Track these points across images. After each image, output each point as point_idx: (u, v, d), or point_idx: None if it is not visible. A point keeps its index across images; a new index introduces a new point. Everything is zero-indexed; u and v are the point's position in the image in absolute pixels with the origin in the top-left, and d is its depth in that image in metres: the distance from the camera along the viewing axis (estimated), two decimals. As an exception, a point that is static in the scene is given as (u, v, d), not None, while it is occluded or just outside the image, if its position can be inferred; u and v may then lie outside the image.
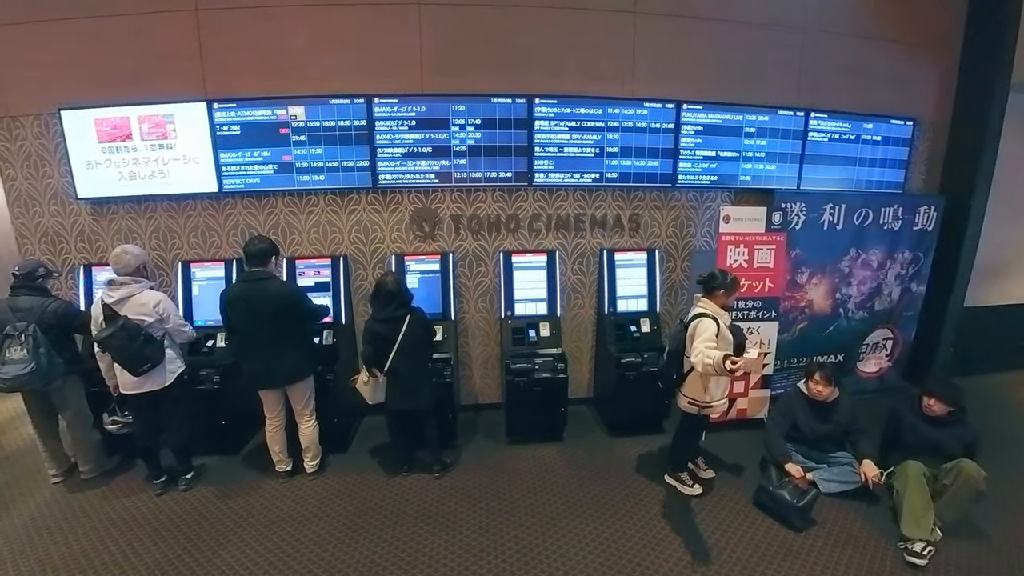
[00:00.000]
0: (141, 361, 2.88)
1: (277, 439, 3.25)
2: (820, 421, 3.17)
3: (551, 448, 3.67)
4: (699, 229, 4.20)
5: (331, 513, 2.99)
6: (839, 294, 4.30)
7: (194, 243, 3.94)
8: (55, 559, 2.68)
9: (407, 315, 3.02)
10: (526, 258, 3.84)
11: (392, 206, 3.89)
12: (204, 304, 3.70)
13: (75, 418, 3.27)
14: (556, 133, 3.75)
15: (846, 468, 3.10)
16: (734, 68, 3.94)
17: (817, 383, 3.13)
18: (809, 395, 3.18)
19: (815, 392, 3.14)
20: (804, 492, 2.86)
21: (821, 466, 3.15)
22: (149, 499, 3.17)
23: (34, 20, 3.63)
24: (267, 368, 3.02)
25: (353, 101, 3.61)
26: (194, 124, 3.64)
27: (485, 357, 4.22)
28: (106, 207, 3.90)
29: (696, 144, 3.94)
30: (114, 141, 3.70)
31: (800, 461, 3.13)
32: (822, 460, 3.19)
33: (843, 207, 4.06)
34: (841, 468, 3.11)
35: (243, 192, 3.80)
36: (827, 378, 3.11)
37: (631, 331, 3.80)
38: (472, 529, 2.83)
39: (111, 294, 2.88)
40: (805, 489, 2.89)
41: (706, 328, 2.73)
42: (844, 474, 3.08)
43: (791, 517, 2.83)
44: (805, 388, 3.21)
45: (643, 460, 3.52)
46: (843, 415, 3.15)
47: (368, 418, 4.02)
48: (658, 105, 3.82)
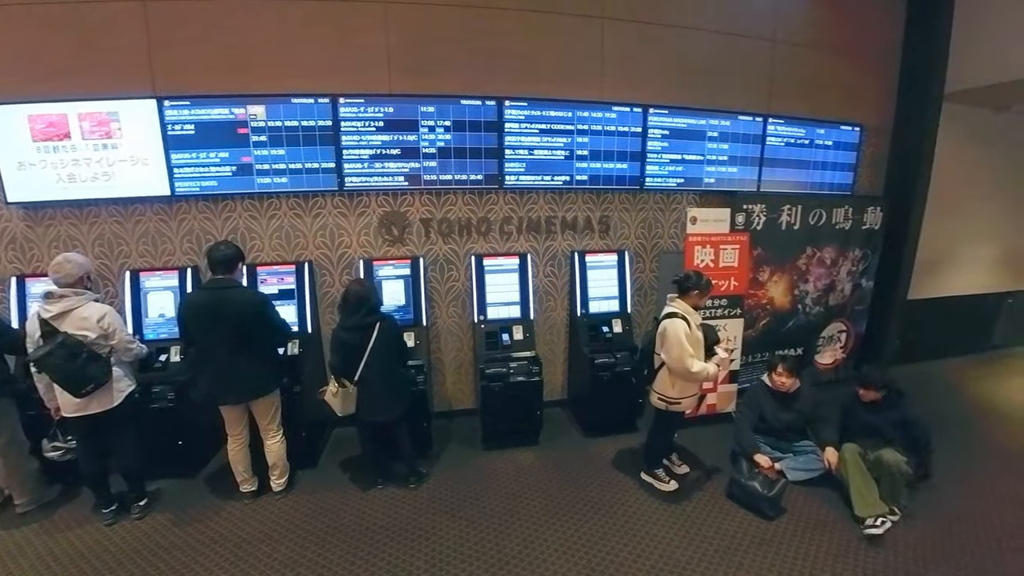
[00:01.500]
0: (84, 382, 2.63)
1: (240, 458, 3.06)
2: (784, 410, 3.32)
3: (527, 452, 3.64)
4: (666, 230, 4.30)
5: (302, 533, 2.84)
6: (797, 290, 4.50)
7: (144, 250, 3.67)
8: (-13, 604, 2.42)
9: (377, 322, 2.92)
10: (498, 261, 3.81)
11: (359, 209, 3.77)
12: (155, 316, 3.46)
13: (8, 446, 2.95)
14: (526, 135, 3.75)
15: (811, 456, 3.24)
16: (697, 74, 4.06)
17: (780, 375, 3.28)
18: (773, 387, 3.33)
19: (778, 384, 3.29)
20: (773, 482, 2.96)
21: (787, 456, 3.28)
22: (97, 531, 2.90)
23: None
24: (229, 382, 2.84)
25: (317, 101, 3.47)
26: (142, 122, 3.40)
27: (458, 362, 4.15)
28: (41, 212, 3.57)
29: (663, 147, 4.04)
30: (50, 140, 3.39)
31: (768, 452, 3.26)
32: (788, 450, 3.32)
33: (799, 208, 4.25)
34: (806, 457, 3.25)
35: (198, 195, 3.57)
36: (789, 369, 3.28)
37: (603, 332, 3.83)
38: (452, 540, 2.76)
39: (48, 308, 2.62)
40: (774, 479, 2.99)
41: (678, 333, 2.79)
42: (809, 462, 3.22)
43: (763, 506, 2.92)
44: (769, 380, 3.36)
45: (619, 459, 3.55)
46: (805, 404, 3.32)
47: (338, 430, 3.87)
48: (626, 108, 3.88)
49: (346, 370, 2.93)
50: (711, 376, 2.92)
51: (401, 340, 3.13)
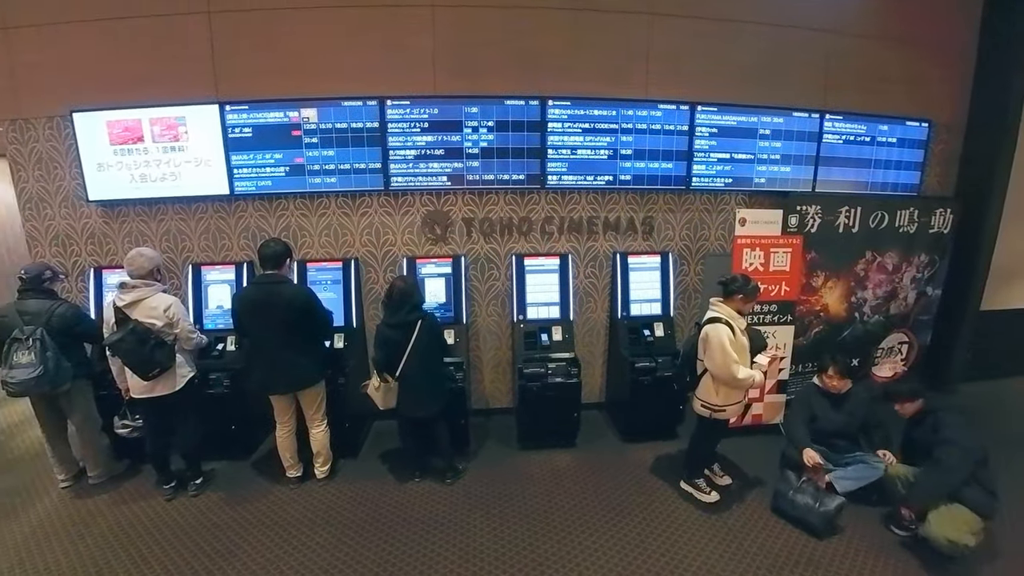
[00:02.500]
0: (151, 365, 2.85)
1: (287, 444, 3.21)
2: (836, 411, 3.15)
3: (564, 454, 3.61)
4: (713, 232, 4.16)
5: (342, 519, 2.94)
6: (854, 298, 4.23)
7: (204, 246, 3.92)
8: (62, 566, 2.64)
9: (419, 320, 2.98)
10: (538, 261, 3.80)
11: (404, 208, 3.87)
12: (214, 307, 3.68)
13: (84, 422, 3.24)
14: (569, 135, 3.72)
15: (860, 465, 3.04)
16: (749, 70, 3.90)
17: (831, 377, 3.13)
18: (824, 388, 3.17)
19: (829, 385, 3.14)
20: (827, 496, 2.80)
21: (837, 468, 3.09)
22: (158, 505, 3.13)
23: (49, 23, 3.63)
24: (277, 373, 2.98)
25: (366, 103, 3.59)
26: (206, 126, 3.63)
27: (496, 361, 4.18)
28: (117, 209, 3.88)
29: (711, 146, 3.91)
30: (126, 143, 3.69)
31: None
32: (839, 463, 3.13)
33: (859, 209, 4.00)
34: (856, 465, 3.05)
35: (254, 194, 3.78)
36: (840, 371, 3.11)
37: (644, 335, 3.75)
38: (486, 537, 2.78)
39: (122, 297, 2.85)
40: (825, 491, 2.83)
41: (721, 338, 2.69)
42: (860, 471, 3.02)
43: (814, 522, 2.76)
44: (819, 381, 3.21)
45: (658, 466, 3.46)
46: (857, 408, 3.13)
47: (378, 423, 3.98)
48: (672, 107, 3.79)
49: (389, 365, 3.00)
50: (757, 383, 2.81)
51: (442, 338, 3.19)
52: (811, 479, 2.91)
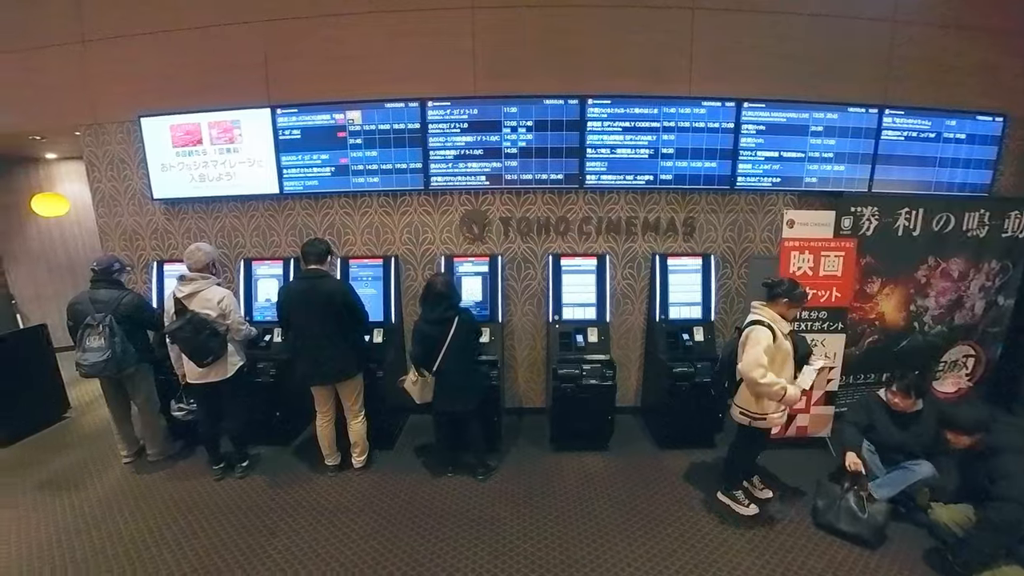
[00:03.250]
0: (205, 353, 3.04)
1: (326, 433, 3.33)
2: (899, 429, 2.96)
3: (596, 457, 3.57)
4: (759, 234, 3.99)
5: (377, 509, 3.03)
6: (914, 306, 3.95)
7: (255, 242, 4.13)
8: (123, 534, 2.87)
9: (455, 317, 3.03)
10: (575, 261, 3.77)
11: (443, 208, 3.94)
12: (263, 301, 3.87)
13: (145, 404, 3.50)
14: (609, 134, 3.68)
15: (898, 470, 2.87)
16: (800, 63, 3.72)
17: (895, 395, 2.93)
18: (888, 404, 2.98)
19: (892, 402, 2.96)
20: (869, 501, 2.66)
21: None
22: (208, 484, 3.33)
23: (121, 35, 3.93)
24: (318, 364, 3.10)
25: (407, 104, 3.68)
26: (259, 129, 3.83)
27: (531, 361, 4.18)
28: (178, 207, 4.16)
29: (757, 144, 3.76)
30: (186, 146, 3.94)
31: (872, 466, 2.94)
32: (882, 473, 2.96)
33: (920, 211, 3.73)
34: (897, 472, 2.88)
35: (302, 194, 3.95)
36: (903, 389, 2.90)
37: (683, 339, 3.64)
38: (516, 535, 2.79)
39: (182, 289, 3.05)
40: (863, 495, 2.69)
41: (759, 339, 2.58)
42: (896, 476, 2.86)
43: (861, 532, 2.63)
44: (884, 395, 3.02)
45: (694, 475, 3.36)
46: (925, 431, 2.89)
47: (414, 417, 4.07)
48: (717, 104, 3.67)
49: (426, 361, 3.07)
50: (790, 398, 2.57)
51: (478, 335, 3.23)
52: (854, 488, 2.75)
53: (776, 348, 2.62)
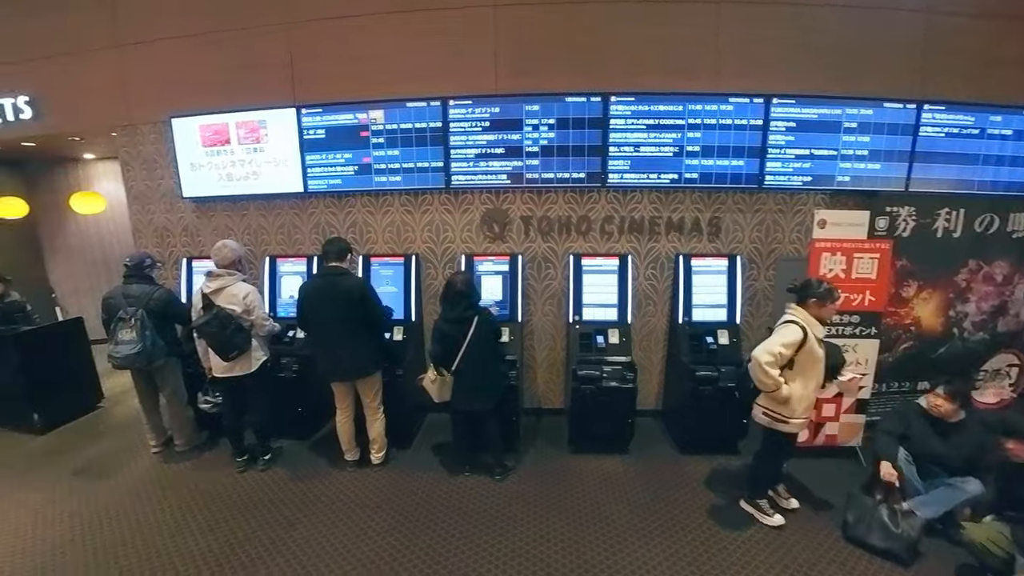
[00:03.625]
0: (230, 348, 3.10)
1: (346, 429, 3.37)
2: (938, 440, 2.79)
3: (615, 460, 3.51)
4: (787, 234, 3.86)
5: (395, 505, 3.04)
6: (953, 311, 3.77)
7: (280, 239, 4.21)
8: (150, 521, 2.96)
9: (475, 316, 3.02)
10: (597, 261, 3.72)
11: (463, 207, 3.93)
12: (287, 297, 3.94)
13: (173, 396, 3.60)
14: (632, 132, 3.61)
15: (942, 488, 2.71)
16: (833, 57, 3.59)
17: (937, 396, 2.77)
18: (928, 410, 2.83)
19: (934, 406, 2.79)
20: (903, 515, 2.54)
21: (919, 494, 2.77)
22: (232, 475, 3.40)
23: (154, 39, 4.06)
24: (336, 361, 3.13)
25: (429, 103, 3.69)
26: (284, 128, 3.89)
27: (550, 361, 4.14)
28: (206, 205, 4.27)
29: (787, 142, 3.64)
30: (215, 145, 4.04)
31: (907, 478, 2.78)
32: (928, 488, 2.79)
33: (962, 212, 3.55)
34: (940, 490, 2.71)
35: (325, 192, 4.00)
36: (950, 393, 2.74)
37: (707, 342, 3.56)
38: (533, 536, 2.76)
39: (209, 284, 3.13)
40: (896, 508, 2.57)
41: (785, 333, 2.53)
42: (942, 494, 2.69)
43: (894, 548, 2.51)
44: (925, 403, 2.86)
45: (716, 481, 3.27)
46: (966, 442, 2.73)
47: (432, 415, 4.08)
48: (745, 100, 3.56)
49: (444, 360, 3.07)
50: (779, 396, 2.56)
51: (497, 335, 3.21)
52: (887, 500, 2.63)
53: (807, 351, 2.54)
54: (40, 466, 3.65)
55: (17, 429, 4.16)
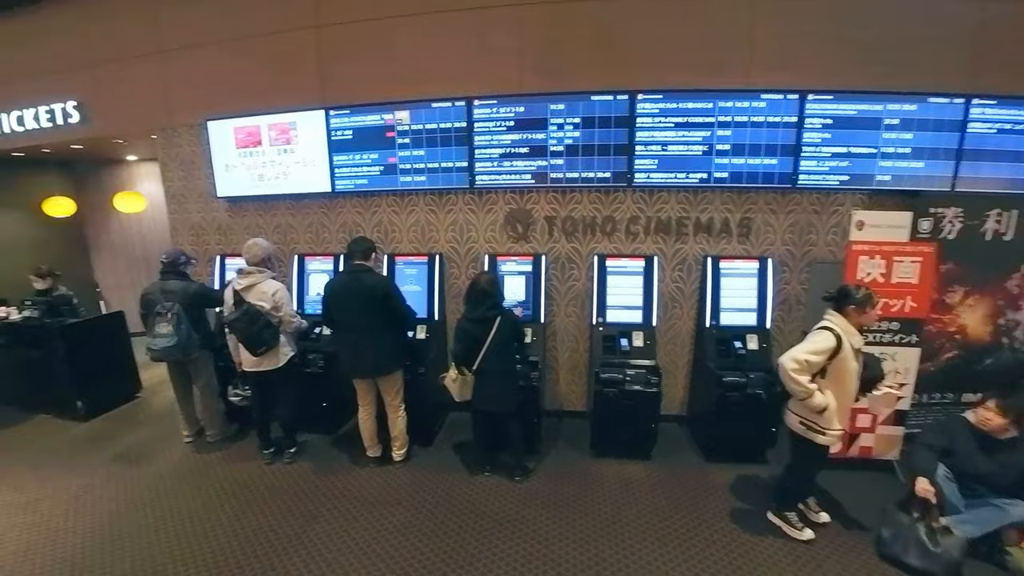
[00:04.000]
0: (259, 343, 3.19)
1: (368, 426, 3.41)
2: (984, 456, 2.61)
3: (638, 466, 3.45)
4: (822, 236, 3.71)
5: (414, 503, 3.06)
6: (1003, 320, 3.53)
7: (308, 238, 4.31)
8: (181, 509, 3.06)
9: (498, 316, 3.01)
10: (621, 262, 3.65)
11: (487, 207, 3.93)
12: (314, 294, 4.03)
13: (205, 388, 3.73)
14: (660, 130, 3.53)
15: (985, 508, 2.54)
16: (873, 50, 3.42)
17: (988, 409, 2.60)
18: (976, 424, 2.66)
19: (982, 420, 2.62)
20: (941, 534, 2.40)
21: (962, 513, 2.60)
22: (259, 467, 3.50)
23: (193, 44, 4.21)
24: (358, 358, 3.17)
25: (454, 103, 3.70)
26: (313, 130, 3.98)
27: (572, 363, 4.10)
28: (239, 205, 4.40)
29: (823, 139, 3.49)
30: (248, 147, 4.16)
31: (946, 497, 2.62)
32: (970, 507, 2.63)
33: (1015, 213, 3.33)
34: (984, 509, 2.55)
35: (352, 192, 4.07)
36: (1004, 408, 2.55)
37: (735, 347, 3.45)
38: (553, 539, 2.73)
39: (240, 281, 3.22)
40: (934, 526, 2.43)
41: (816, 339, 2.44)
42: (984, 513, 2.53)
43: (932, 568, 2.37)
44: (973, 417, 2.69)
45: (743, 491, 3.17)
46: (1016, 461, 2.56)
47: (453, 414, 4.09)
48: (778, 96, 3.44)
49: (466, 359, 3.07)
50: (812, 404, 2.46)
51: (520, 335, 3.19)
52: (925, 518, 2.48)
53: (840, 361, 2.44)
54: (82, 452, 3.83)
55: (62, 416, 4.40)
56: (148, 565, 2.61)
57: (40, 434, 4.18)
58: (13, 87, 4.94)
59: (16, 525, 2.97)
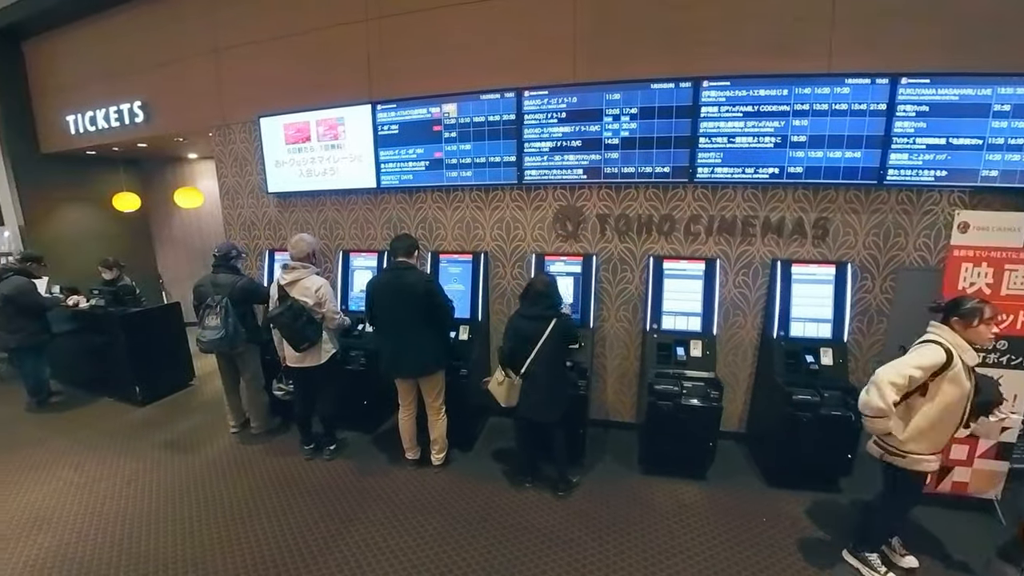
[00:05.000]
0: (302, 339, 3.16)
1: (408, 427, 3.31)
2: None
3: (692, 487, 3.17)
4: (912, 239, 3.28)
5: (453, 511, 2.93)
6: None
7: (353, 234, 4.28)
8: (223, 500, 3.09)
9: (554, 318, 2.84)
10: (680, 265, 3.38)
11: (536, 203, 3.75)
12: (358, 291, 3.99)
13: (251, 380, 3.77)
14: (727, 120, 3.22)
15: None
16: (980, 24, 2.94)
17: None
18: None
19: None
20: None
21: None
22: (299, 462, 3.49)
23: (246, 43, 4.29)
24: (399, 357, 3.08)
25: (503, 95, 3.55)
26: (360, 125, 3.94)
27: (621, 371, 3.85)
28: (287, 200, 4.44)
29: (917, 129, 3.07)
30: (297, 143, 4.18)
31: None
32: None
33: None
34: None
35: (397, 188, 4.00)
36: None
37: (807, 361, 3.10)
38: (599, 564, 2.51)
39: (285, 277, 3.21)
40: None
41: (923, 353, 2.13)
42: None
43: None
44: None
45: (813, 523, 2.83)
46: None
47: (493, 419, 3.95)
48: (865, 81, 3.05)
49: (513, 359, 2.90)
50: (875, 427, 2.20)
51: (574, 342, 3.00)
52: None
53: (949, 379, 2.11)
54: (137, 436, 3.98)
55: (122, 400, 4.61)
56: (189, 555, 2.62)
57: (101, 416, 4.39)
58: (89, 88, 5.25)
59: (74, 504, 3.08)
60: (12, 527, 2.88)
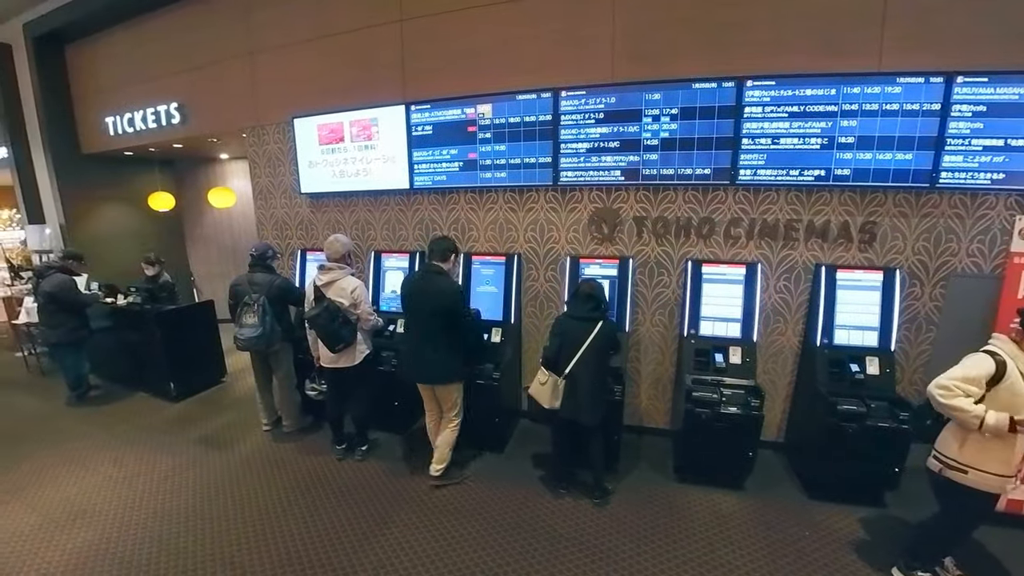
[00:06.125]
0: (337, 340, 3.17)
1: (434, 430, 3.27)
2: None
3: (729, 497, 3.09)
4: (965, 245, 3.13)
5: (486, 516, 2.91)
6: None
7: (385, 235, 4.29)
8: (257, 498, 3.12)
9: (600, 320, 2.81)
10: (719, 269, 3.30)
11: (571, 205, 3.70)
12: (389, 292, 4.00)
13: (284, 379, 3.80)
14: (771, 121, 3.13)
15: None
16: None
17: None
18: None
19: None
20: None
21: None
22: (331, 462, 3.50)
23: (281, 45, 4.33)
24: (416, 363, 3.04)
25: (540, 95, 3.51)
26: (394, 125, 3.94)
27: (656, 376, 3.77)
28: (320, 201, 4.47)
29: (973, 130, 2.94)
30: (330, 143, 4.20)
31: None
32: None
33: None
34: None
35: (430, 189, 3.99)
36: None
37: (852, 370, 2.99)
38: (637, 573, 2.46)
39: (321, 277, 3.22)
40: None
41: (971, 364, 2.09)
42: None
43: None
44: None
45: (857, 538, 2.72)
46: None
47: (524, 422, 3.91)
48: (918, 80, 2.93)
49: (556, 358, 2.86)
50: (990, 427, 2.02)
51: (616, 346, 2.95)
52: None
53: (1005, 389, 2.03)
54: (173, 431, 4.05)
55: (157, 395, 4.70)
56: (224, 552, 2.64)
57: (138, 411, 4.48)
58: (128, 90, 5.38)
59: (115, 499, 3.14)
60: (54, 519, 2.95)
